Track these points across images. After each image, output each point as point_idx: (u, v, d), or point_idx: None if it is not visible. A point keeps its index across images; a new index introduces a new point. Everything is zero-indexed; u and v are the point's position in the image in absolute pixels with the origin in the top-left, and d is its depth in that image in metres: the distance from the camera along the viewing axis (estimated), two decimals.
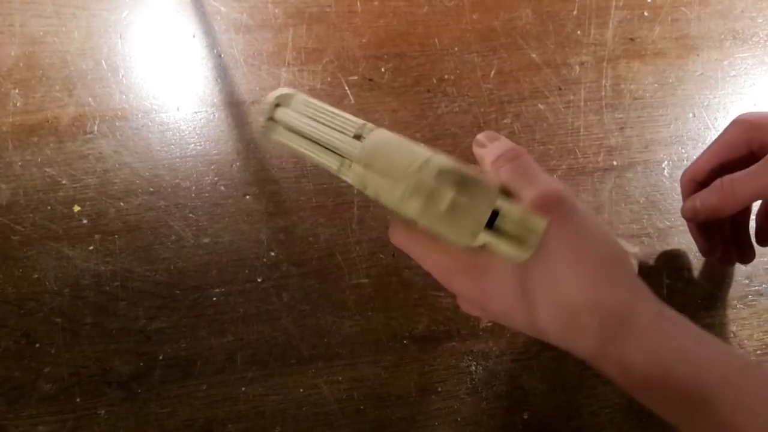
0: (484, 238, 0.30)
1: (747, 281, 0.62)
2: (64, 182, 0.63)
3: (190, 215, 0.63)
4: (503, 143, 0.35)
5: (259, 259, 0.61)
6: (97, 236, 0.61)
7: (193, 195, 0.63)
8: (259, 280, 0.61)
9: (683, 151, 0.67)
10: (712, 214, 0.36)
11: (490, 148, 0.36)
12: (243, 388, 0.57)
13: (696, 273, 0.62)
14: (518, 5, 0.73)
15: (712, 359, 0.26)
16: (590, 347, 0.29)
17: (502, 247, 0.30)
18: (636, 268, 0.33)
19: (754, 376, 0.26)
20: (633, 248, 0.35)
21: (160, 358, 0.58)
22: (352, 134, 0.37)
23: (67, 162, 0.64)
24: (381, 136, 0.37)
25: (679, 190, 0.56)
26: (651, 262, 0.60)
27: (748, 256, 0.46)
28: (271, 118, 0.40)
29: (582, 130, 0.67)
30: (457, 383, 0.58)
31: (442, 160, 0.33)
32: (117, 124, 0.65)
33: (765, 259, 0.63)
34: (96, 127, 0.65)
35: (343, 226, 0.63)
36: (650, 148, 0.67)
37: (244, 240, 0.62)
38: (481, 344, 0.59)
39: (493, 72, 0.70)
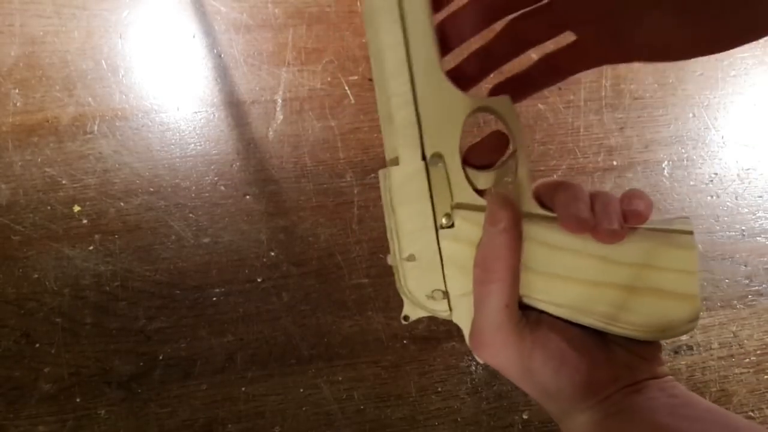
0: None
1: (747, 281, 0.62)
2: (64, 182, 0.63)
3: (190, 215, 0.63)
4: (490, 249, 0.32)
5: (259, 259, 0.61)
6: (97, 236, 0.61)
7: (193, 195, 0.63)
8: (259, 280, 0.61)
9: (683, 151, 0.67)
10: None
11: (483, 240, 0.32)
12: (243, 388, 0.57)
13: None
14: None
15: None
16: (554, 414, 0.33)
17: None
18: (694, 243, 0.32)
19: None
20: (686, 239, 0.32)
21: (160, 358, 0.58)
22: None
23: (67, 162, 0.64)
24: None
25: (678, 189, 0.56)
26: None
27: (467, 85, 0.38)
28: None
29: (582, 130, 0.67)
30: (457, 383, 0.58)
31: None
32: (117, 124, 0.65)
33: (765, 259, 0.63)
34: (96, 127, 0.65)
35: (343, 226, 0.63)
36: (650, 148, 0.67)
37: (244, 240, 0.62)
38: None
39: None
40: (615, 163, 0.66)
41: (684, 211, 0.65)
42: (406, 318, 0.35)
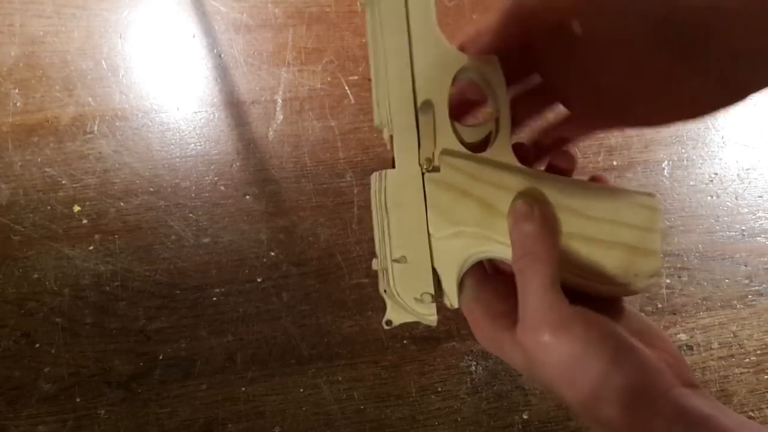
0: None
1: (747, 281, 0.62)
2: (64, 182, 0.63)
3: (190, 215, 0.63)
4: (525, 237, 0.31)
5: (259, 259, 0.61)
6: (97, 236, 0.61)
7: (193, 195, 0.63)
8: (259, 280, 0.61)
9: (683, 151, 0.67)
10: None
11: (515, 236, 0.32)
12: (243, 388, 0.57)
13: (696, 273, 0.62)
14: None
15: None
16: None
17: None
18: (659, 220, 0.33)
19: None
20: (650, 199, 0.34)
21: (160, 358, 0.58)
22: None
23: (67, 162, 0.64)
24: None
25: (678, 189, 0.56)
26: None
27: None
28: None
29: None
30: (457, 383, 0.58)
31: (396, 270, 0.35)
32: (117, 124, 0.65)
33: (765, 259, 0.63)
34: (96, 127, 0.65)
35: (343, 226, 0.63)
36: (650, 148, 0.67)
37: (244, 240, 0.62)
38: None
39: None
40: (615, 163, 0.66)
41: (684, 210, 0.65)
42: (388, 323, 0.35)
